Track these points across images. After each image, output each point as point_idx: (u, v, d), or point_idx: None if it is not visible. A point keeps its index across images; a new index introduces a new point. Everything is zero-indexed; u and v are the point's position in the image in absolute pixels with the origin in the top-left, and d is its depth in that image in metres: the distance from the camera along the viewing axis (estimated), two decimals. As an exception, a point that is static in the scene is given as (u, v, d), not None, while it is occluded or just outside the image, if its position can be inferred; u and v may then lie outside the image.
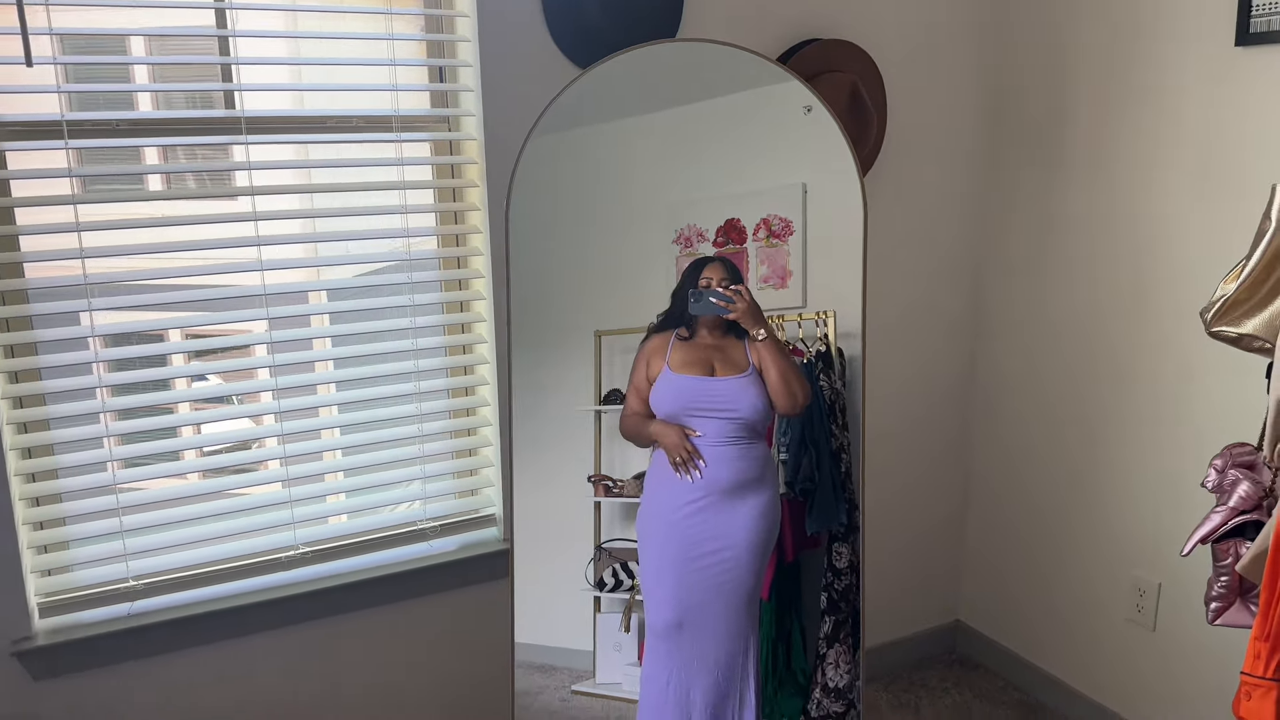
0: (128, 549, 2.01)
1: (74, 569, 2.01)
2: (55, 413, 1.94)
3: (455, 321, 2.27)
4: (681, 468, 1.90)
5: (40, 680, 1.95)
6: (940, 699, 2.82)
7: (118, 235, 1.91)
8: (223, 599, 2.08)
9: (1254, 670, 1.43)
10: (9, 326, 1.89)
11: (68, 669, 1.97)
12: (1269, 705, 1.41)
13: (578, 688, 2.17)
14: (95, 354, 1.92)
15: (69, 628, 1.97)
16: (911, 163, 2.65)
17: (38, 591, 1.96)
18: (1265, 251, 1.47)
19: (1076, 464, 2.62)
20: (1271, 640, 1.40)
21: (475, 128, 2.15)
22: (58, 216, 1.86)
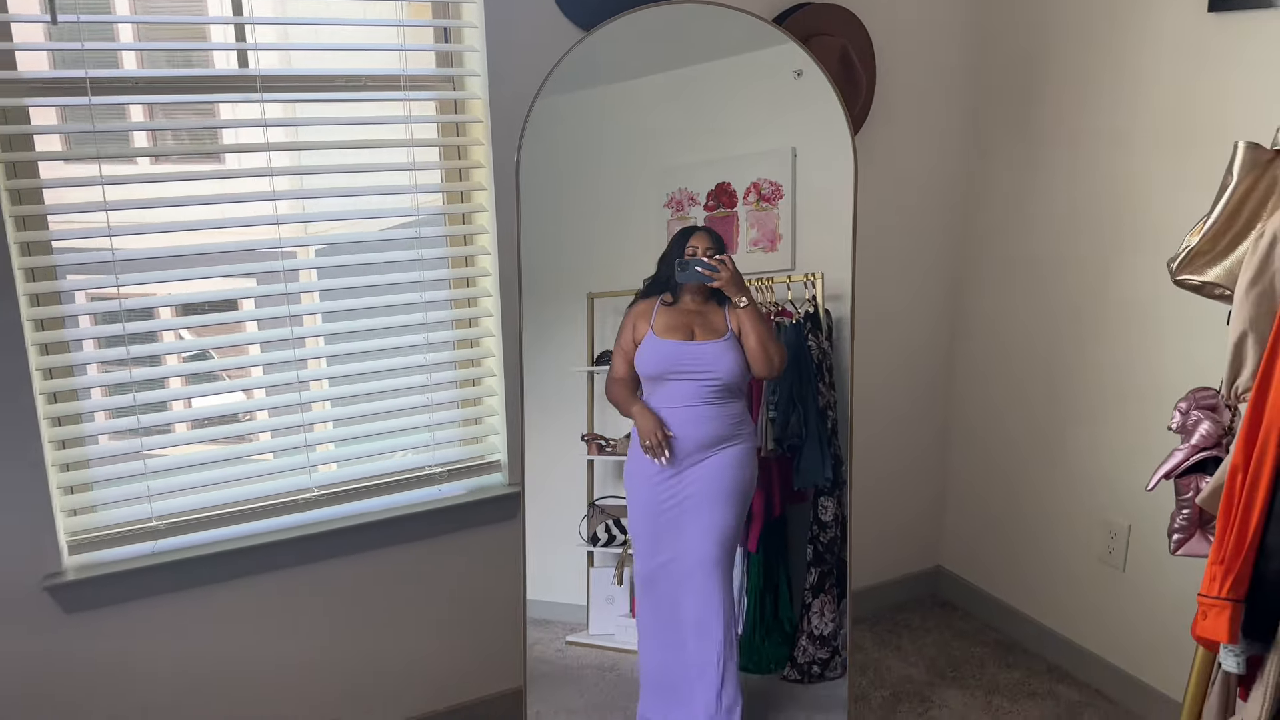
0: (151, 490, 2.11)
1: (100, 509, 2.10)
2: (80, 359, 2.02)
3: (461, 276, 2.35)
4: (650, 450, 2.01)
5: (71, 613, 2.04)
6: (922, 638, 2.95)
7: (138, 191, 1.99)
8: (242, 538, 2.17)
9: (1209, 591, 1.54)
10: (34, 276, 1.96)
11: (96, 603, 2.06)
12: (1223, 622, 1.53)
13: (572, 639, 2.26)
14: (119, 304, 2.00)
15: (97, 564, 2.06)
16: (898, 126, 2.73)
17: (66, 530, 2.06)
18: (1226, 205, 1.57)
19: (1051, 414, 2.73)
20: (1225, 563, 1.52)
21: (480, 87, 2.22)
22: (80, 171, 1.93)
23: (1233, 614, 1.51)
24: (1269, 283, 1.48)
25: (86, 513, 2.09)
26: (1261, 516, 1.47)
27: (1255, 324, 1.50)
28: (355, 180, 2.22)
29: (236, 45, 2.07)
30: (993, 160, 2.81)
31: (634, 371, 2.06)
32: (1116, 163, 2.45)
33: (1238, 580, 1.50)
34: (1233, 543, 1.51)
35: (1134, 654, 2.57)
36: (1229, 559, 1.51)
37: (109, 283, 1.99)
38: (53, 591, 2.01)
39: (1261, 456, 1.46)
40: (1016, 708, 2.60)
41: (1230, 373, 1.57)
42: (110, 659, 2.11)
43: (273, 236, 2.11)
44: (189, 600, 2.16)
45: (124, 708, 2.15)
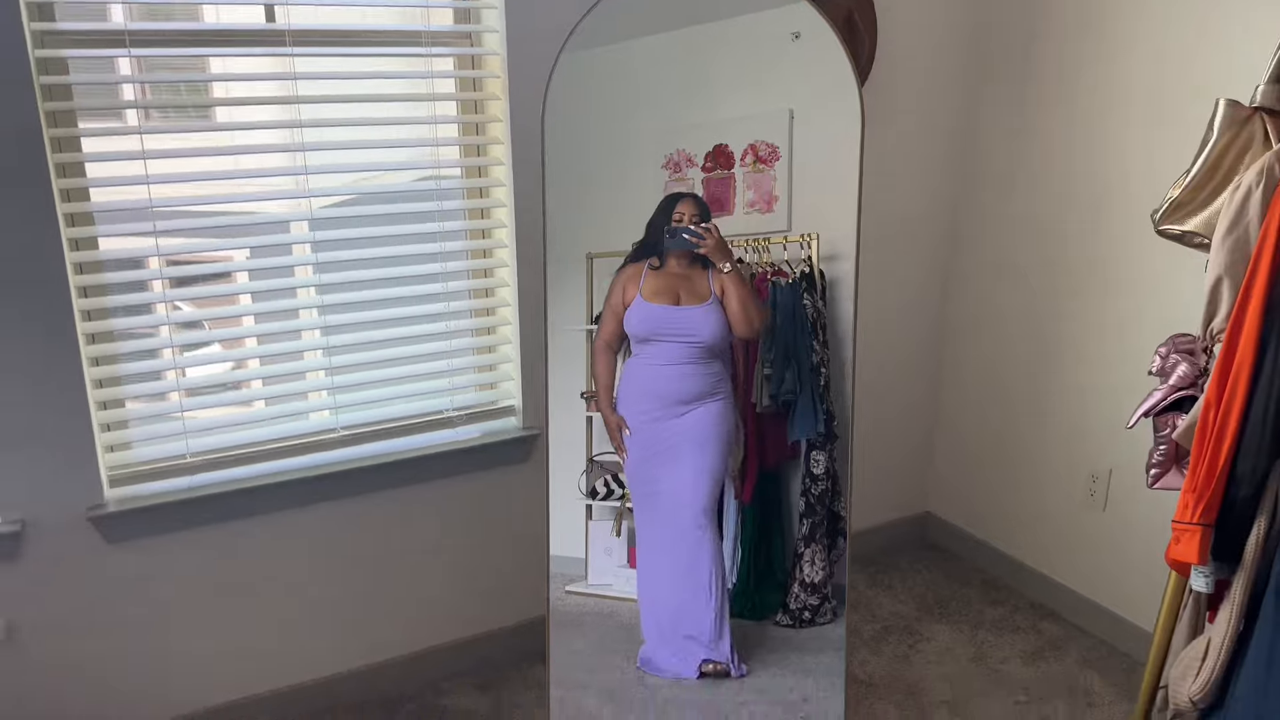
0: (187, 428, 2.21)
1: (138, 446, 2.20)
2: (118, 301, 2.12)
3: (477, 228, 2.44)
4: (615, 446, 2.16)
5: (113, 543, 2.15)
6: (911, 578, 3.10)
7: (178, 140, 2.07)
8: (272, 475, 2.28)
9: (1182, 517, 1.66)
10: (74, 221, 2.05)
11: (135, 534, 2.17)
12: (1194, 545, 1.65)
13: (572, 588, 2.33)
14: (156, 246, 2.09)
15: (136, 497, 2.17)
16: (899, 87, 2.80)
17: (107, 465, 2.16)
18: (1207, 159, 1.68)
19: (1037, 363, 2.85)
20: (1197, 491, 1.63)
21: (498, 43, 2.30)
22: (118, 122, 2.01)
23: (1203, 537, 1.63)
24: (1243, 231, 1.59)
25: (124, 449, 2.19)
26: (1232, 447, 1.58)
27: (1230, 270, 1.62)
28: (378, 134, 2.30)
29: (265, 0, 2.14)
30: (989, 120, 2.91)
31: (621, 333, 2.16)
32: (1109, 119, 2.55)
33: (1208, 506, 1.62)
34: (1204, 472, 1.62)
35: (1113, 591, 2.71)
36: (1200, 487, 1.63)
37: (146, 230, 2.07)
38: (96, 522, 2.12)
39: (1233, 392, 1.57)
40: (1000, 641, 2.75)
41: (1206, 315, 1.68)
42: (148, 587, 2.22)
43: (301, 188, 2.19)
44: (222, 533, 2.27)
45: (158, 634, 2.27)
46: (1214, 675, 1.68)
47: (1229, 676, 1.67)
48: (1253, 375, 1.55)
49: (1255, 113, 1.65)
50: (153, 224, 2.07)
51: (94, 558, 2.15)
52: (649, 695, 2.15)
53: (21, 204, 1.94)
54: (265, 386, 2.34)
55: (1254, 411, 1.56)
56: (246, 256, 2.54)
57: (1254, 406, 1.56)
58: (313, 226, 2.24)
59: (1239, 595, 1.64)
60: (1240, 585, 1.64)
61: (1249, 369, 1.55)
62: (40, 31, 1.93)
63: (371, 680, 2.54)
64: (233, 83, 2.37)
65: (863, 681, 2.58)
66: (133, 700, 2.28)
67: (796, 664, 2.21)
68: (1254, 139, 1.66)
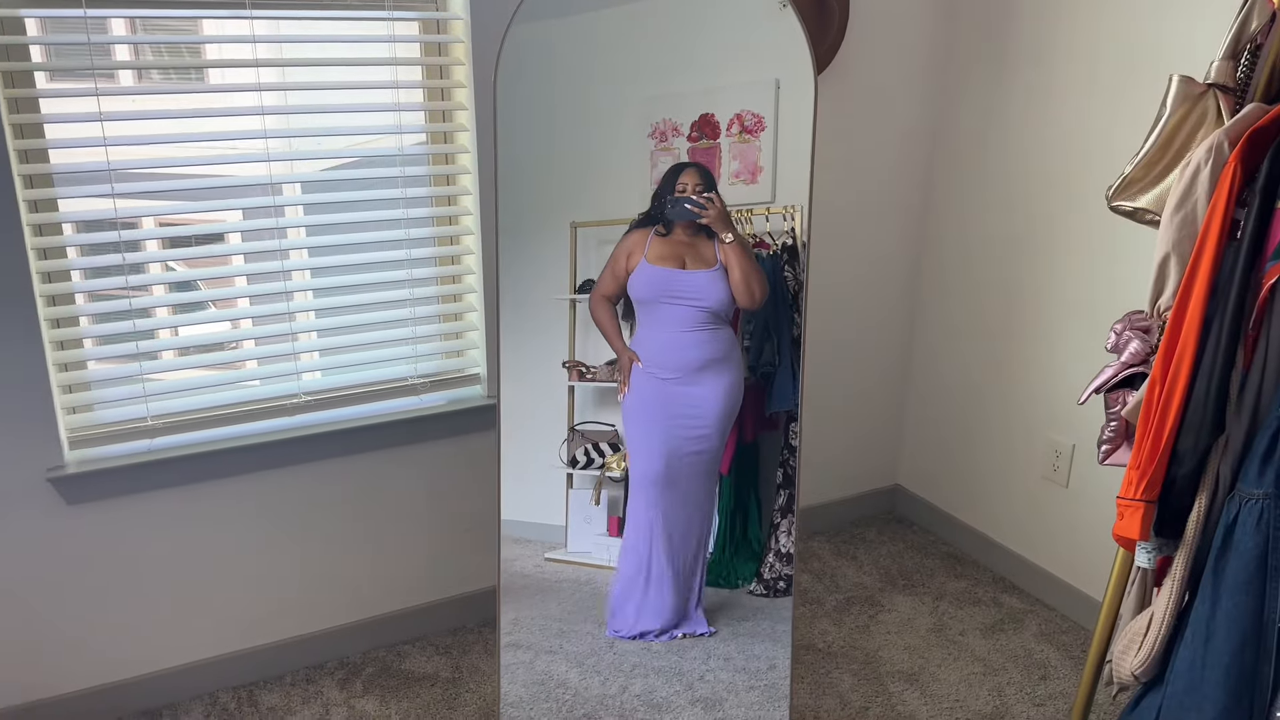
0: (147, 391, 2.22)
1: (98, 408, 2.21)
2: (77, 264, 2.11)
3: (443, 195, 2.43)
4: (619, 380, 2.17)
5: (72, 504, 2.17)
6: (877, 549, 3.12)
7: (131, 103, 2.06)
8: (233, 439, 2.29)
9: (1126, 493, 1.67)
10: (31, 183, 2.04)
11: (95, 495, 2.18)
12: (1136, 521, 1.66)
13: (550, 555, 2.35)
14: (115, 209, 2.08)
15: (96, 459, 2.18)
16: (871, 57, 2.79)
17: (67, 426, 2.17)
18: (1159, 135, 1.68)
19: (1003, 339, 2.86)
20: (1141, 468, 1.64)
21: (462, 8, 2.28)
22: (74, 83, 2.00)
23: (1145, 513, 1.64)
24: (1191, 208, 1.58)
25: (85, 410, 2.20)
26: (1175, 424, 1.59)
27: (1178, 246, 1.62)
28: (339, 98, 2.29)
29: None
30: (963, 90, 2.89)
31: (620, 290, 2.17)
32: (1078, 95, 2.54)
33: (1151, 483, 1.63)
34: (1148, 449, 1.63)
35: (1073, 565, 2.74)
36: (1144, 464, 1.64)
37: (105, 192, 2.07)
38: (55, 483, 2.13)
39: (1177, 369, 1.58)
40: (961, 613, 2.78)
41: (1154, 292, 1.68)
42: (108, 548, 2.24)
43: (261, 150, 2.18)
44: (182, 496, 2.28)
45: (118, 594, 2.29)
46: (1155, 650, 1.70)
47: (1170, 651, 1.68)
48: (1196, 353, 1.56)
49: (1209, 89, 1.64)
50: (111, 186, 2.06)
51: (53, 519, 2.16)
52: (618, 660, 2.19)
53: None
54: (227, 351, 2.34)
55: (1196, 389, 1.57)
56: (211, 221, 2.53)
57: (1197, 384, 1.57)
58: (275, 191, 2.23)
59: (1180, 571, 1.66)
60: (1181, 561, 1.66)
61: (1193, 346, 1.56)
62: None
63: (332, 644, 2.56)
64: (192, 45, 2.36)
65: (821, 650, 2.61)
66: (91, 659, 2.30)
67: (768, 632, 2.24)
68: (1207, 115, 1.65)
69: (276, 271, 2.29)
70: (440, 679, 2.50)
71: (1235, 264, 1.50)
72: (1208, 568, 1.58)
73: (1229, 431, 1.55)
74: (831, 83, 2.73)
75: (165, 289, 2.43)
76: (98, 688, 2.32)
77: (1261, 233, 1.49)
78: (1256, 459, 1.48)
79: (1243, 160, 1.49)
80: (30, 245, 2.02)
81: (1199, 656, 1.58)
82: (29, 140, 2.01)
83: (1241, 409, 1.52)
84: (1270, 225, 1.47)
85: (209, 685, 2.44)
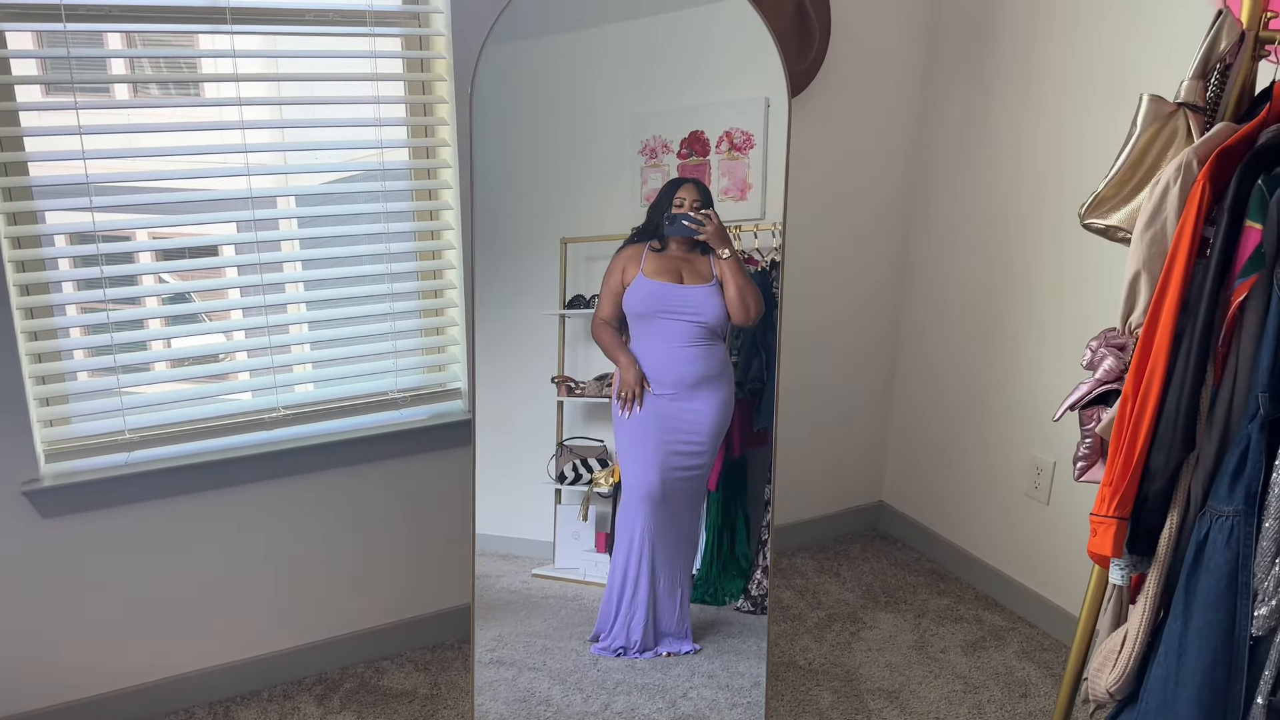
0: (124, 405, 2.21)
1: (75, 421, 2.20)
2: (54, 278, 2.11)
3: (425, 209, 2.44)
4: (623, 401, 2.15)
5: (48, 518, 2.16)
6: (860, 566, 3.11)
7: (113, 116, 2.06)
8: (211, 453, 2.28)
9: (1099, 510, 1.67)
10: (11, 196, 2.04)
11: (71, 509, 2.17)
12: (1109, 537, 1.66)
13: (538, 571, 2.35)
14: (93, 222, 2.08)
15: (72, 472, 2.17)
16: (852, 75, 2.80)
17: (43, 439, 2.16)
18: (1130, 154, 1.69)
19: (984, 358, 2.87)
20: (1113, 485, 1.65)
21: (444, 24, 2.29)
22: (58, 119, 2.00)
23: (1118, 530, 1.64)
24: (1161, 226, 1.59)
25: (62, 424, 2.19)
26: (1146, 442, 1.59)
27: (1148, 264, 1.62)
28: (320, 113, 2.30)
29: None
30: (943, 110, 2.91)
31: (620, 313, 2.17)
32: (1055, 113, 2.55)
33: (1123, 500, 1.63)
34: (1120, 466, 1.63)
35: (1055, 582, 2.74)
36: (1116, 481, 1.64)
37: (83, 205, 2.07)
38: (30, 496, 2.12)
39: (1148, 386, 1.58)
40: (943, 630, 2.77)
41: (1125, 309, 1.69)
42: (83, 562, 2.23)
43: (241, 165, 2.19)
44: (159, 510, 2.27)
45: (93, 609, 2.27)
46: (1129, 667, 1.70)
47: (1145, 668, 1.68)
48: (1167, 369, 1.56)
49: (1179, 108, 1.66)
50: (89, 200, 2.07)
51: (27, 532, 2.15)
52: (601, 677, 2.18)
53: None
54: (205, 364, 2.34)
55: (1167, 406, 1.57)
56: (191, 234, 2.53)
57: (1168, 400, 1.57)
58: (255, 205, 2.24)
59: (1153, 588, 1.66)
60: (1154, 578, 1.66)
61: (1164, 363, 1.57)
62: (-26, 4, 1.92)
63: (309, 660, 2.55)
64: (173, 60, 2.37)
65: (802, 667, 2.60)
66: (64, 674, 2.29)
67: (753, 649, 2.24)
68: (1177, 134, 1.66)
69: (255, 285, 2.29)
70: (419, 695, 2.48)
71: (1205, 281, 1.51)
72: (1179, 585, 1.58)
73: (1200, 448, 1.56)
74: (813, 102, 2.74)
75: (146, 302, 2.43)
76: (70, 703, 2.30)
77: (1230, 250, 1.49)
78: (1227, 476, 1.49)
79: (1211, 179, 1.50)
80: (7, 258, 2.02)
81: (1172, 674, 1.58)
82: (8, 153, 2.01)
83: (1212, 426, 1.53)
84: (1238, 242, 1.48)
85: (185, 701, 2.42)
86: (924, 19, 2.88)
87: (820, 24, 2.59)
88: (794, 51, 2.56)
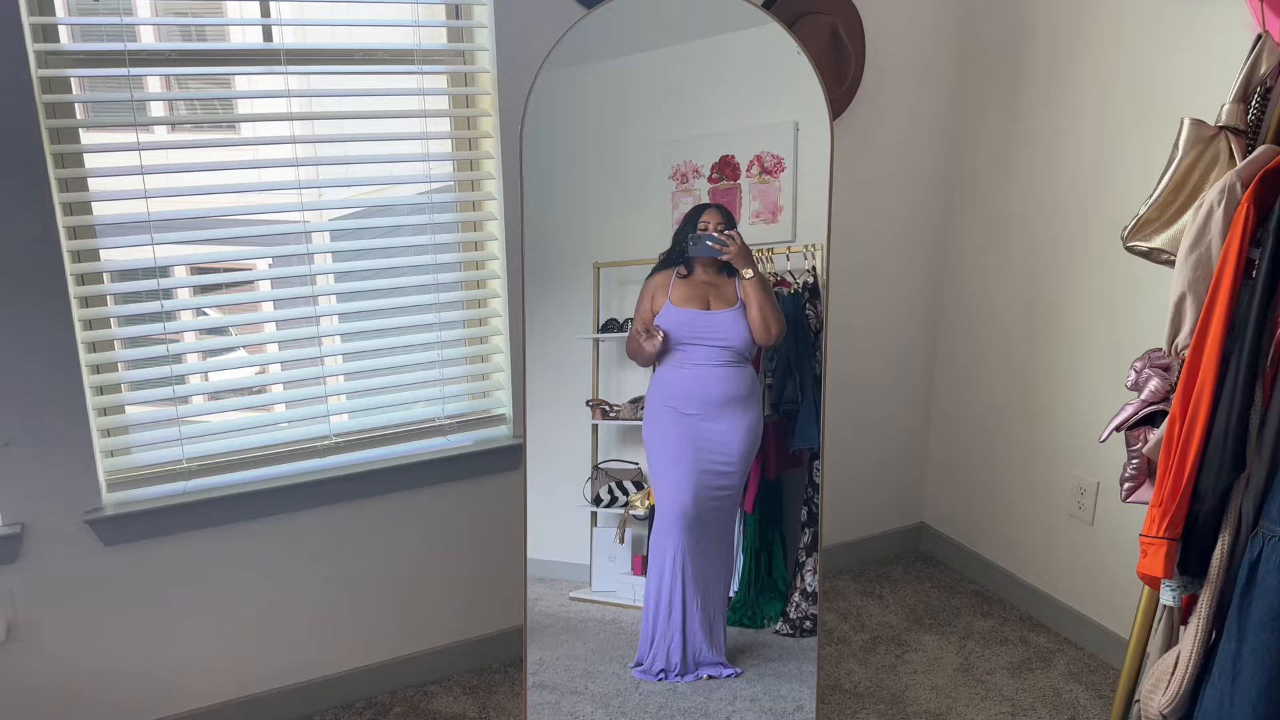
0: (183, 435, 2.27)
1: (135, 451, 2.26)
2: (119, 311, 2.18)
3: (470, 240, 2.49)
4: (646, 338, 2.18)
5: (110, 546, 2.21)
6: (902, 588, 3.11)
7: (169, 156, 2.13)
8: (265, 480, 2.33)
9: (1149, 531, 1.68)
10: (75, 234, 2.11)
11: (132, 537, 2.23)
12: (1160, 559, 1.66)
13: (575, 594, 2.37)
14: (154, 257, 2.15)
15: (133, 501, 2.22)
16: (888, 102, 2.83)
17: (105, 469, 2.22)
18: (1172, 177, 1.70)
19: (1026, 378, 2.86)
20: (1163, 505, 1.65)
21: (489, 61, 2.35)
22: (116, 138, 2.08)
23: (1169, 552, 1.64)
24: (1205, 249, 1.60)
25: (123, 454, 2.25)
26: (1195, 462, 1.60)
27: (1193, 286, 1.64)
28: (371, 149, 2.36)
29: (262, 21, 2.20)
30: (976, 133, 2.92)
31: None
32: (1093, 135, 2.56)
33: (1173, 520, 1.63)
34: (1169, 487, 1.63)
35: (1101, 603, 2.72)
36: (1166, 502, 1.64)
37: (144, 241, 2.14)
38: (93, 525, 2.18)
39: (1196, 407, 1.59)
40: (988, 652, 2.76)
41: (1171, 331, 1.70)
42: (141, 590, 2.28)
43: (295, 201, 2.25)
44: (216, 537, 2.32)
45: (148, 635, 2.32)
46: (1183, 688, 1.69)
47: (1198, 690, 1.68)
48: (1215, 391, 1.57)
49: (1220, 131, 1.67)
50: (150, 236, 2.14)
51: (91, 560, 2.20)
52: (643, 701, 2.18)
53: (26, 218, 2.00)
54: (260, 394, 2.40)
55: (1216, 426, 1.58)
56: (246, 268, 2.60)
57: (1216, 421, 1.58)
58: (309, 239, 2.30)
59: (1205, 609, 1.66)
60: (1206, 599, 1.65)
61: (1211, 385, 1.57)
62: (43, 52, 1.99)
63: (360, 683, 2.58)
64: (231, 101, 2.44)
65: (847, 691, 2.60)
66: (127, 700, 2.33)
67: (794, 672, 2.24)
68: (1219, 157, 1.68)
69: (309, 317, 2.34)
70: (467, 718, 2.51)
71: (1251, 302, 1.52)
72: (1233, 605, 1.58)
73: (1250, 469, 1.56)
74: (849, 125, 2.78)
75: (198, 335, 2.50)
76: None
77: (1276, 272, 1.50)
78: (1278, 497, 1.49)
79: (1256, 201, 1.51)
80: (73, 294, 2.09)
81: (1226, 695, 1.58)
82: (73, 194, 2.08)
83: (1262, 446, 1.53)
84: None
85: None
86: (958, 41, 2.90)
87: (855, 50, 2.62)
88: (829, 77, 2.60)
